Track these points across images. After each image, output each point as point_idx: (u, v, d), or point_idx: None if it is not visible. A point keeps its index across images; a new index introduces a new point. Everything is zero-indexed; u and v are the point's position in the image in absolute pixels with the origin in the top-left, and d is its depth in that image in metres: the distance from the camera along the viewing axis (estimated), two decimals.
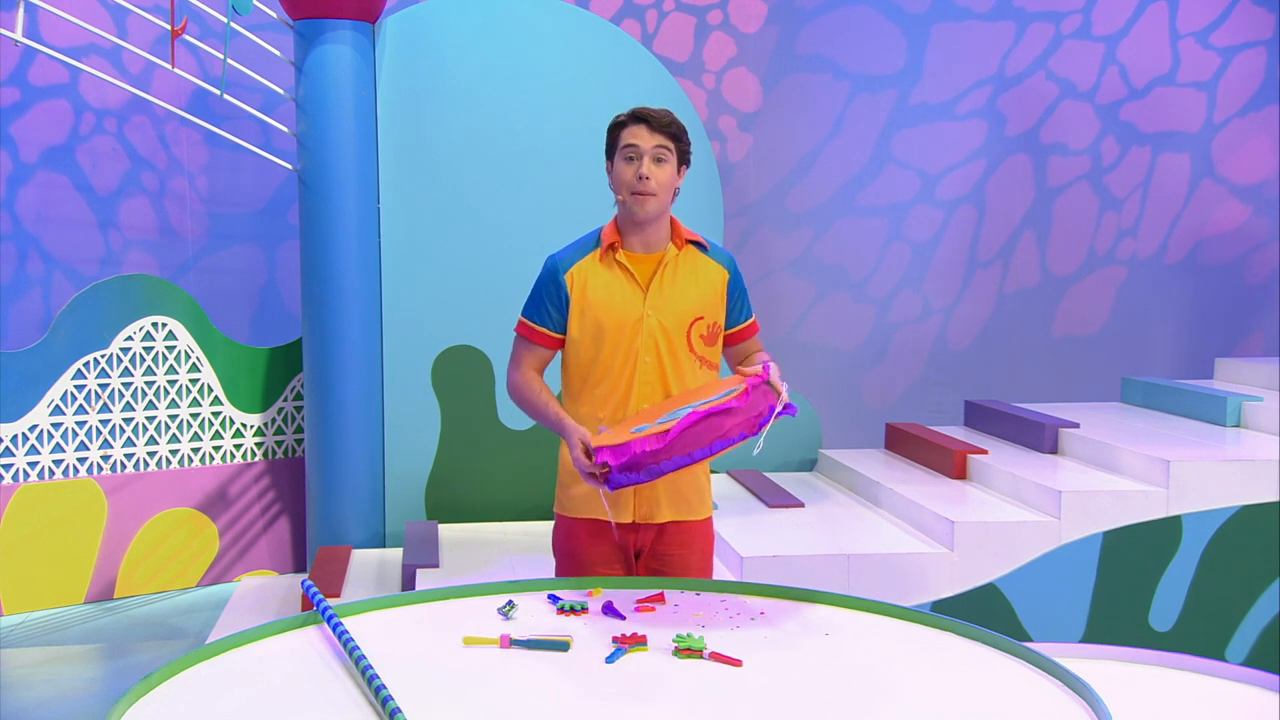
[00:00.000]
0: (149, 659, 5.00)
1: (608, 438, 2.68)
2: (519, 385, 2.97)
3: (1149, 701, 2.59)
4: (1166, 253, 7.42)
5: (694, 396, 2.75)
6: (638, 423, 2.72)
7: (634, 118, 2.88)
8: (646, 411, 2.83)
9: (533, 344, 2.96)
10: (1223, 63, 7.30)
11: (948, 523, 4.53)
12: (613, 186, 2.94)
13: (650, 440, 2.56)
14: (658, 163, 2.86)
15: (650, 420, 2.69)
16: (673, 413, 2.66)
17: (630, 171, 2.86)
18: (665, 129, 2.86)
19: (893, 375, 7.32)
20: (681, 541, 3.01)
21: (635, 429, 2.65)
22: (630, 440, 2.58)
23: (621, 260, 2.92)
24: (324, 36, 5.46)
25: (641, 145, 2.85)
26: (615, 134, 2.91)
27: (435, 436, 5.74)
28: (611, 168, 2.92)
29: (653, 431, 2.57)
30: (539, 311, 2.95)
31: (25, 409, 5.50)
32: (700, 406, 2.59)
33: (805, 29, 7.07)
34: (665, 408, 2.77)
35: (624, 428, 2.74)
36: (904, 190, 7.21)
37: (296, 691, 2.20)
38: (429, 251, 5.66)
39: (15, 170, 6.31)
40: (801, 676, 2.28)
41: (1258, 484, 4.53)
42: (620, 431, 2.71)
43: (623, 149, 2.88)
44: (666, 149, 2.87)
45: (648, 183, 2.84)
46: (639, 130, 2.86)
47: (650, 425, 2.63)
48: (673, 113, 2.91)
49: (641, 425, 2.67)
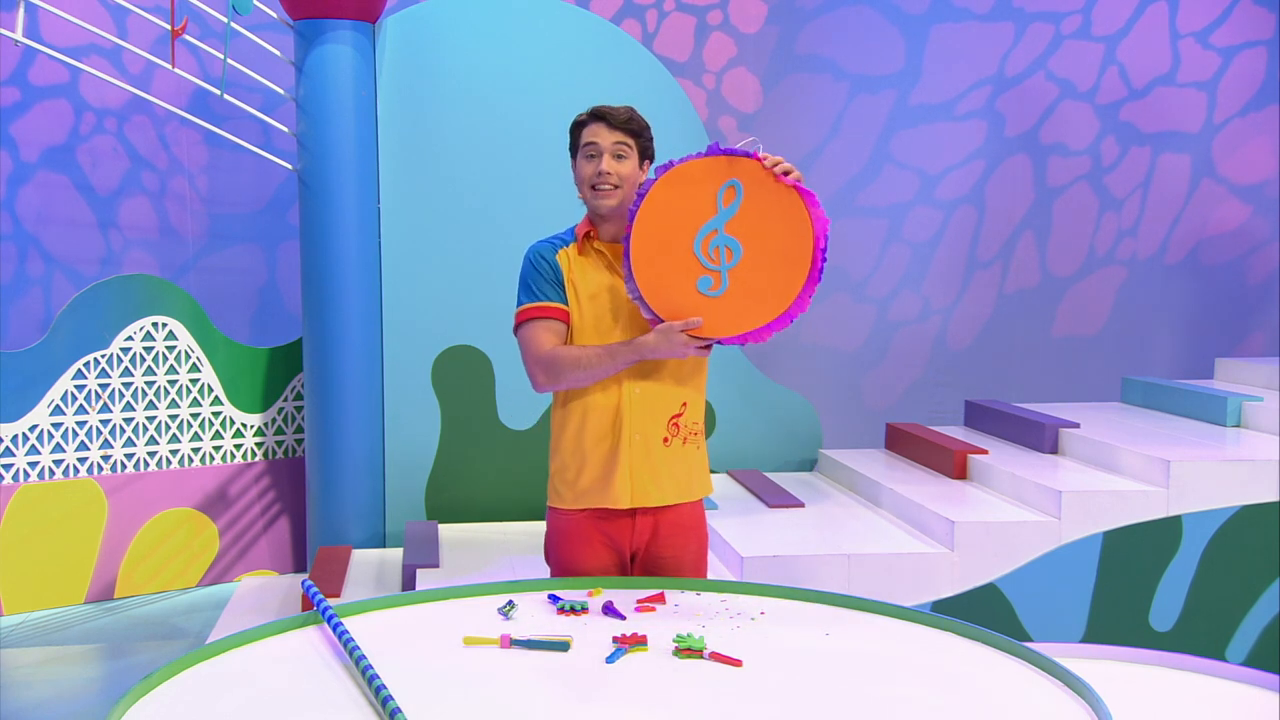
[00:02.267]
0: (149, 659, 5.00)
1: (730, 324, 2.82)
2: (556, 356, 2.92)
3: (1149, 701, 2.59)
4: (1167, 253, 7.42)
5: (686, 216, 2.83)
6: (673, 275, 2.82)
7: (593, 116, 2.95)
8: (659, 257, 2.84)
9: (547, 319, 2.94)
10: (1223, 63, 7.30)
11: (948, 523, 4.52)
12: (576, 183, 3.00)
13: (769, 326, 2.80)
14: (617, 159, 2.93)
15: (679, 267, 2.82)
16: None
17: (590, 169, 2.94)
18: (624, 125, 2.93)
19: (893, 375, 7.32)
20: (676, 543, 3.00)
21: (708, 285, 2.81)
22: (788, 309, 2.78)
23: (598, 248, 2.98)
24: (324, 36, 5.46)
25: (601, 143, 2.92)
26: (576, 133, 2.99)
27: (435, 436, 5.74)
28: (575, 165, 2.99)
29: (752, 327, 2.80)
30: (540, 291, 2.95)
31: (25, 409, 5.50)
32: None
33: (805, 29, 7.07)
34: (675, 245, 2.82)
35: (681, 292, 2.83)
36: (904, 190, 7.21)
37: (297, 691, 2.20)
38: (429, 251, 5.66)
39: (15, 170, 6.31)
40: (801, 676, 2.28)
41: (1258, 484, 4.53)
42: (703, 307, 2.81)
43: (584, 147, 2.95)
44: (626, 145, 2.93)
45: (607, 177, 2.91)
46: (598, 129, 2.94)
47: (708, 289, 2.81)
48: (634, 109, 2.98)
49: (706, 281, 2.80)
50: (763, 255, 2.78)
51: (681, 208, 2.80)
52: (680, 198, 2.80)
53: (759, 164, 2.76)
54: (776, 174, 2.76)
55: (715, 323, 2.81)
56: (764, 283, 2.78)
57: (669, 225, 2.80)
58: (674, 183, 2.80)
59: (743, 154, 2.77)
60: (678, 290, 2.81)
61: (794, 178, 2.77)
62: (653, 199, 2.81)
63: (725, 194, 2.78)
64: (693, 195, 2.79)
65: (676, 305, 2.82)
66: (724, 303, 2.80)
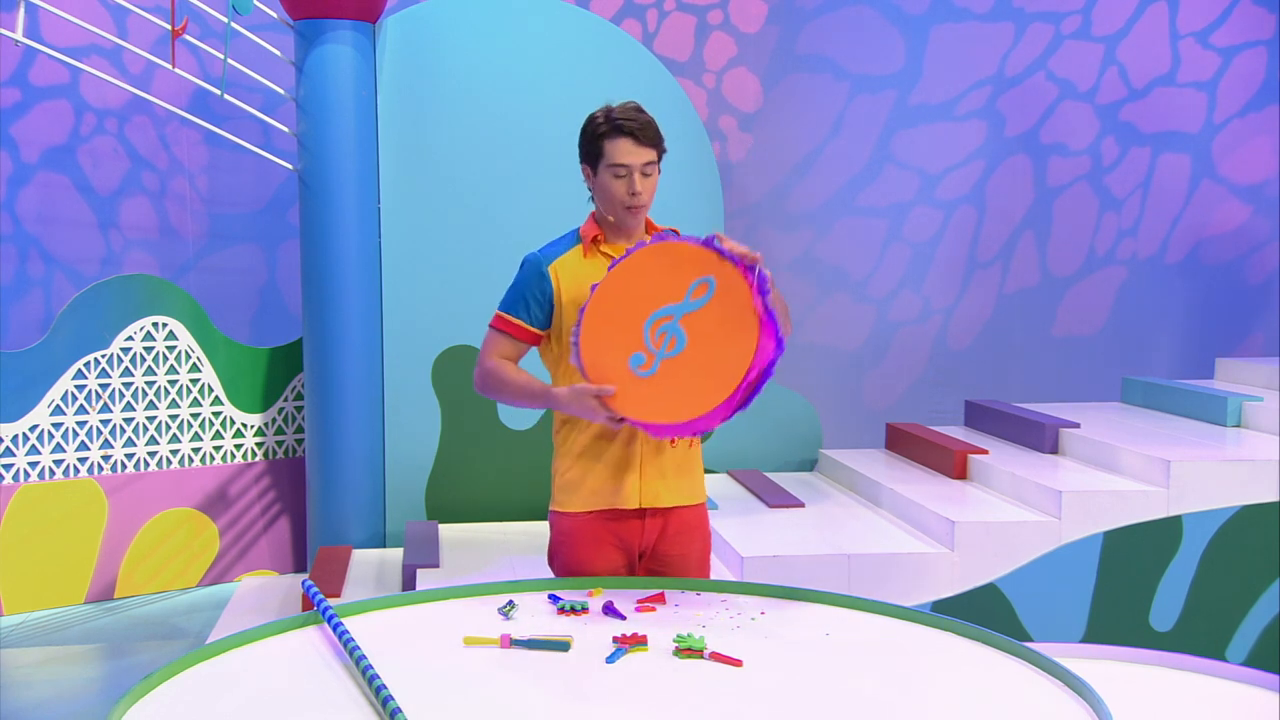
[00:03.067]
0: (149, 659, 5.00)
1: (639, 407, 2.71)
2: (492, 370, 2.91)
3: (1149, 701, 2.59)
4: (1167, 253, 7.42)
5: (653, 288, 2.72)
6: (619, 346, 2.72)
7: (616, 129, 2.83)
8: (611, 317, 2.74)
9: (509, 337, 2.92)
10: (1223, 63, 7.30)
11: (948, 523, 4.52)
12: (596, 198, 2.92)
13: (712, 416, 2.66)
14: (645, 176, 2.86)
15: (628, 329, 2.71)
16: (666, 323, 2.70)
17: (622, 189, 2.85)
18: (651, 142, 2.85)
19: (893, 375, 7.32)
20: (680, 543, 3.00)
21: (639, 367, 2.70)
22: (693, 420, 2.66)
23: (605, 250, 2.93)
24: (324, 36, 5.46)
25: (632, 164, 2.83)
26: (596, 144, 2.86)
27: (435, 436, 5.74)
28: (593, 176, 2.90)
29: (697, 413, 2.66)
30: (519, 306, 2.92)
31: (26, 409, 5.50)
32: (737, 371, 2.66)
33: (805, 29, 7.07)
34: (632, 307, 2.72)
35: (616, 367, 2.73)
36: (904, 190, 7.21)
37: (297, 691, 2.20)
38: (429, 251, 5.66)
39: (16, 170, 6.31)
40: (801, 676, 2.28)
41: (1258, 484, 4.53)
42: (624, 381, 2.71)
43: (610, 166, 2.84)
44: (654, 162, 2.87)
45: (640, 197, 2.85)
46: (626, 146, 2.83)
47: (652, 355, 2.70)
48: (645, 110, 2.88)
49: (639, 359, 2.70)
50: (699, 359, 2.69)
51: (653, 281, 2.71)
52: (657, 270, 2.71)
53: (742, 275, 2.65)
54: (747, 275, 2.64)
55: (629, 402, 2.71)
56: (688, 385, 2.69)
57: (634, 292, 2.71)
58: (661, 254, 2.72)
59: (732, 258, 2.66)
60: (610, 355, 2.73)
61: (772, 298, 2.66)
62: (635, 261, 2.73)
63: (697, 288, 2.69)
64: (668, 275, 2.70)
65: (603, 368, 2.73)
66: (645, 385, 2.71)
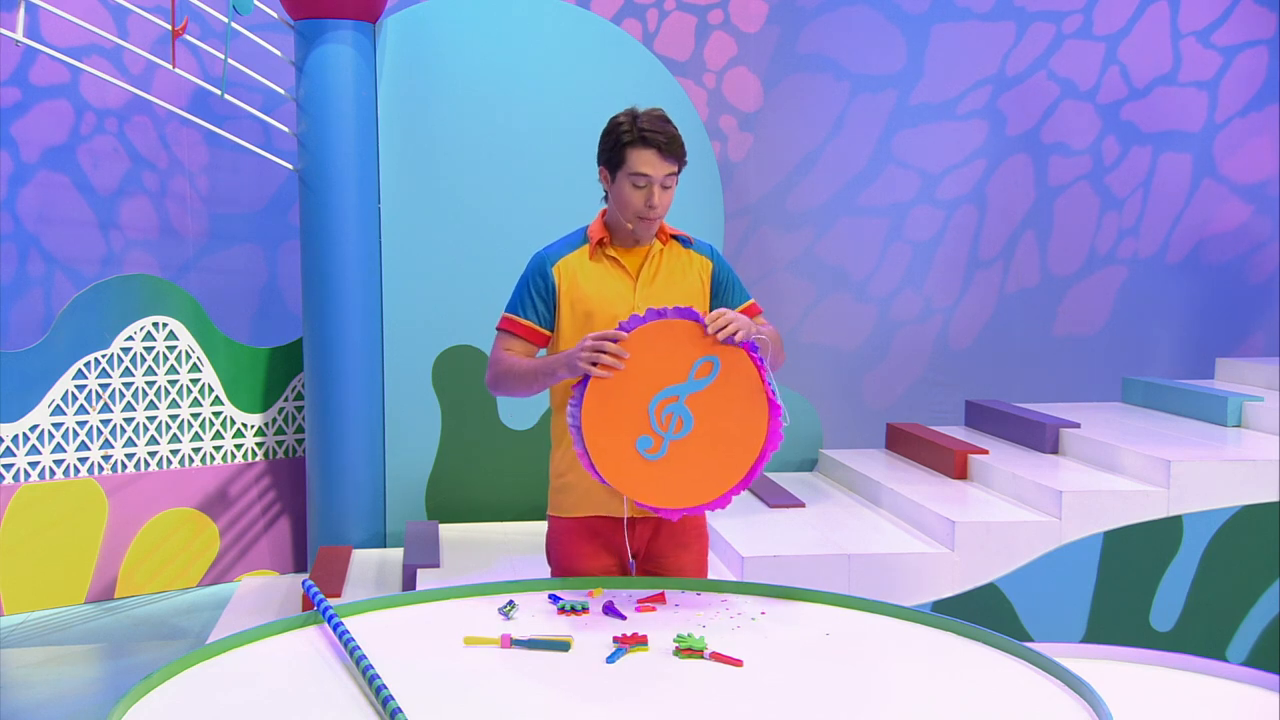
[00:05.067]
0: (149, 659, 5.00)
1: (650, 491, 2.71)
2: (497, 361, 2.91)
3: (1149, 701, 2.59)
4: (1167, 252, 7.42)
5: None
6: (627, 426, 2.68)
7: (643, 139, 2.79)
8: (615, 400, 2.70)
9: (517, 337, 2.93)
10: (1224, 62, 7.30)
11: (948, 523, 4.52)
12: (611, 201, 2.90)
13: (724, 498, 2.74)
14: (665, 189, 2.84)
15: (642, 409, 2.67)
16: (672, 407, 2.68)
17: (640, 199, 2.83)
18: (676, 156, 2.82)
19: (893, 375, 7.32)
20: (676, 543, 3.00)
21: (648, 450, 2.68)
22: (707, 504, 2.74)
23: (611, 254, 2.92)
24: (324, 36, 5.46)
25: (653, 175, 2.81)
26: (619, 151, 2.82)
27: (435, 436, 5.74)
28: (610, 180, 2.87)
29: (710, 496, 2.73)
30: (524, 306, 2.92)
31: (26, 409, 5.50)
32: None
33: (806, 29, 7.06)
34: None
35: (623, 441, 2.68)
36: (905, 190, 7.21)
37: (297, 691, 2.20)
38: (429, 251, 5.66)
39: (16, 170, 6.31)
40: (801, 676, 2.28)
41: (1258, 484, 4.53)
42: (632, 465, 2.68)
43: (630, 175, 2.81)
44: (674, 174, 2.85)
45: (656, 210, 2.84)
46: (650, 157, 2.79)
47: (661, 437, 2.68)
48: (670, 120, 2.85)
49: (646, 442, 2.68)
50: (708, 440, 2.68)
51: (660, 356, 2.66)
52: (663, 345, 2.66)
53: (746, 354, 2.67)
54: (716, 333, 2.65)
55: (638, 485, 2.69)
56: (699, 466, 2.68)
57: (639, 370, 2.65)
58: (669, 331, 2.67)
59: (730, 340, 2.66)
60: (615, 438, 2.66)
61: (764, 349, 2.70)
62: (642, 335, 2.65)
63: (701, 367, 2.67)
64: (674, 352, 2.66)
65: (608, 451, 2.67)
66: (654, 469, 2.68)
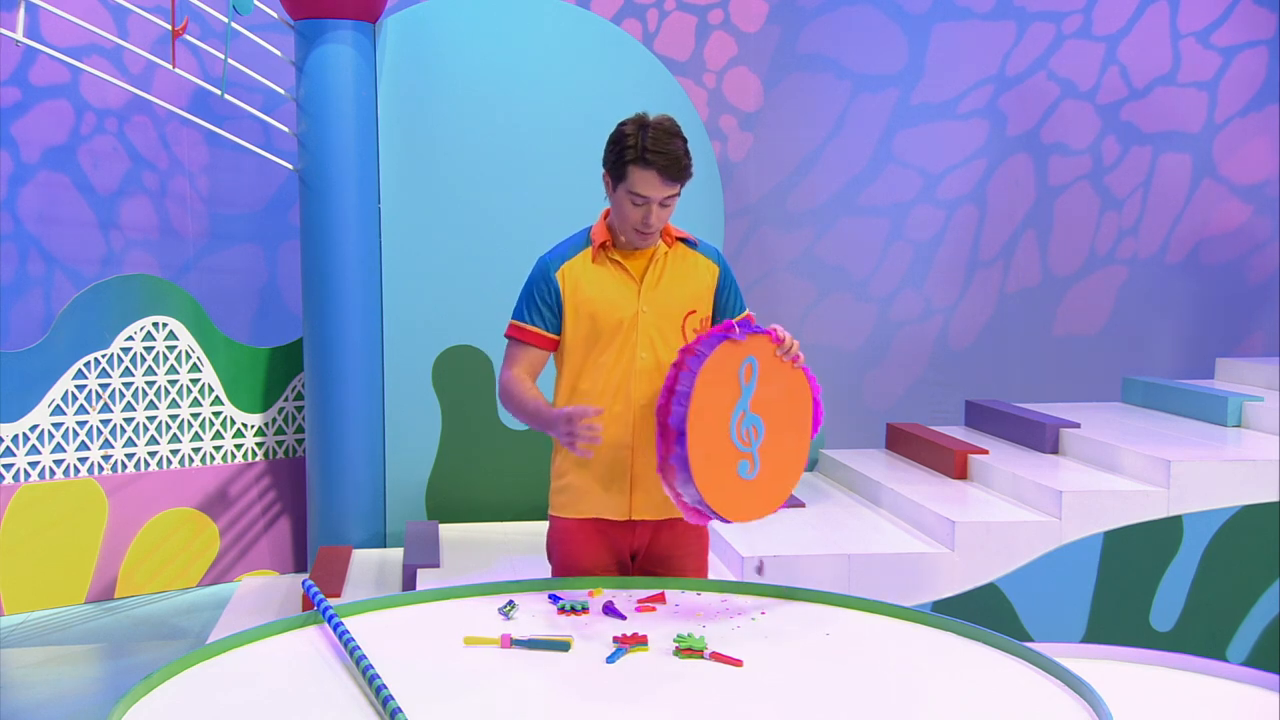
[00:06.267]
0: (149, 659, 5.00)
1: (752, 509, 2.77)
2: (507, 382, 2.92)
3: (1149, 701, 2.59)
4: (1167, 252, 7.42)
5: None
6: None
7: (645, 160, 2.75)
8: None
9: (525, 344, 2.92)
10: (1223, 62, 7.30)
11: (948, 523, 4.52)
12: (613, 209, 2.88)
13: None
14: (663, 207, 2.82)
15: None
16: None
17: (637, 216, 2.81)
18: (678, 179, 2.79)
19: (894, 375, 7.32)
20: (677, 544, 3.00)
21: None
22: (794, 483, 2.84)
23: (615, 257, 2.91)
24: (325, 36, 5.46)
25: (652, 196, 2.79)
26: (621, 166, 2.79)
27: (435, 436, 5.74)
28: (612, 188, 2.85)
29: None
30: (530, 312, 2.91)
31: (26, 409, 5.50)
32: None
33: (806, 28, 7.07)
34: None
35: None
36: (905, 190, 7.21)
37: (297, 691, 2.20)
38: (429, 251, 5.66)
39: (16, 170, 6.31)
40: (801, 676, 2.28)
41: (1258, 484, 4.53)
42: (739, 492, 2.74)
43: (630, 193, 2.79)
44: (675, 195, 2.82)
45: (651, 228, 2.83)
46: (650, 179, 2.76)
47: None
48: (679, 134, 2.80)
49: (745, 466, 2.73)
50: (779, 434, 2.78)
51: (718, 394, 2.69)
52: (717, 383, 2.68)
53: (768, 339, 2.75)
54: (789, 359, 2.79)
55: (749, 510, 2.75)
56: (779, 460, 2.78)
57: (711, 416, 2.67)
58: (711, 378, 2.68)
59: (758, 330, 2.75)
60: (723, 476, 2.69)
61: (800, 360, 2.83)
62: (697, 399, 2.64)
63: (744, 371, 2.73)
64: (724, 380, 2.70)
65: (721, 490, 2.68)
66: (756, 485, 2.75)
